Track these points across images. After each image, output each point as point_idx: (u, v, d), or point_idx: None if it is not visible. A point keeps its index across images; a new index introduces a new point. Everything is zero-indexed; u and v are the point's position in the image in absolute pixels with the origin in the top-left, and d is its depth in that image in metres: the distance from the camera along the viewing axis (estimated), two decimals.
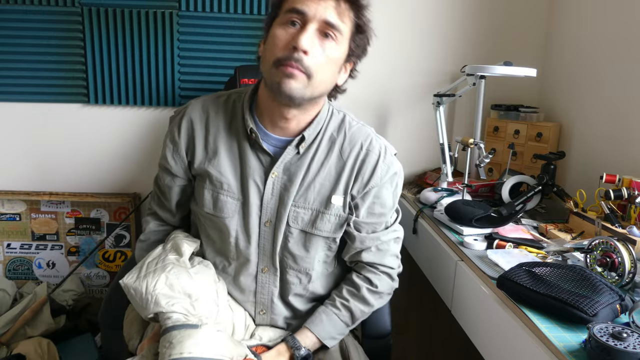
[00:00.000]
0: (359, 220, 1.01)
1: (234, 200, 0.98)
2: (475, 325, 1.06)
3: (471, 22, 1.78)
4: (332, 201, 0.98)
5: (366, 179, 0.99)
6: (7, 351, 1.54)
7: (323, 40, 0.88)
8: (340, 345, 1.06)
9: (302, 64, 0.86)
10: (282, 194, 0.97)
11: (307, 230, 0.99)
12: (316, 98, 0.94)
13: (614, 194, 1.16)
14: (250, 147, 0.98)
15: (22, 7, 1.64)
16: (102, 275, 1.86)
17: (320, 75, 0.89)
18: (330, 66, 0.91)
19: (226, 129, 0.99)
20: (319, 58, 0.88)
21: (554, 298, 0.84)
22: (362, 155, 0.99)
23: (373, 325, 1.13)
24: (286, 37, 0.87)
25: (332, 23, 0.87)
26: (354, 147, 1.00)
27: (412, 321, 1.94)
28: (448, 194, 1.50)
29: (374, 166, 0.99)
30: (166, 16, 1.67)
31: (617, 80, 1.43)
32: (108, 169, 1.81)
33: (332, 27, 0.88)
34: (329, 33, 0.88)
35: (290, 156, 0.97)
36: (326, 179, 0.98)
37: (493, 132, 1.77)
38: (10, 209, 1.80)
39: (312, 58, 0.86)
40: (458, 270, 1.15)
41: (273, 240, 0.99)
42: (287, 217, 0.98)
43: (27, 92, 1.71)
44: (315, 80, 0.88)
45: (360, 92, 1.80)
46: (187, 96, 1.75)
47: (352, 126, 1.02)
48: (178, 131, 1.00)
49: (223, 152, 0.98)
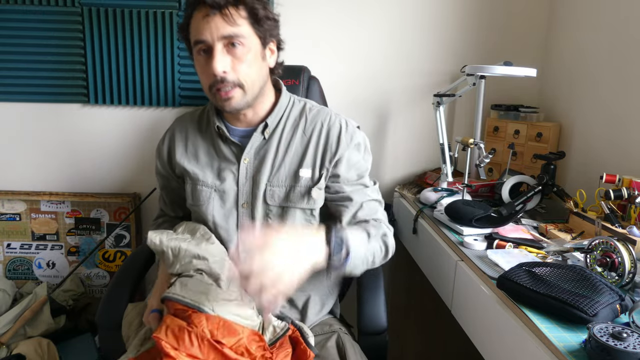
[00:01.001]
0: (341, 178, 1.09)
1: (208, 189, 1.10)
2: (475, 325, 1.06)
3: (471, 22, 1.78)
4: (300, 174, 1.08)
5: (334, 149, 1.09)
6: (7, 351, 1.54)
7: (233, 50, 0.98)
8: (337, 343, 1.07)
9: (228, 81, 0.98)
10: (255, 177, 1.08)
11: (283, 205, 1.08)
12: (259, 93, 1.06)
13: (614, 194, 1.16)
14: (222, 142, 1.12)
15: (22, 7, 1.64)
16: (102, 275, 1.86)
17: (249, 78, 1.00)
18: (252, 66, 1.01)
19: (201, 134, 1.15)
20: (239, 68, 0.99)
21: (554, 298, 0.84)
22: (325, 131, 1.10)
23: (369, 322, 1.13)
24: (204, 66, 1.00)
25: (229, 34, 0.96)
26: (315, 126, 1.11)
27: (412, 321, 1.94)
28: (448, 194, 1.50)
29: (338, 137, 1.09)
30: (166, 16, 1.67)
31: (617, 81, 1.43)
32: (108, 169, 1.81)
33: (232, 37, 0.97)
34: (233, 42, 0.97)
35: (257, 142, 1.09)
36: (294, 156, 1.09)
37: (493, 132, 1.77)
38: (10, 209, 1.80)
39: (232, 73, 0.98)
40: (458, 270, 1.15)
41: (251, 219, 1.09)
42: (264, 196, 1.08)
43: (27, 92, 1.71)
44: (247, 85, 1.01)
45: (360, 92, 1.81)
46: (187, 96, 1.75)
47: (312, 110, 1.14)
48: (162, 142, 1.19)
49: (201, 152, 1.13)
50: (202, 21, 0.96)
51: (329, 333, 1.12)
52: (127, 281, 1.17)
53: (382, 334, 1.13)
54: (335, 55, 1.77)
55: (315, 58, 1.72)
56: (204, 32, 0.96)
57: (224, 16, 0.95)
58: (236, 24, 0.96)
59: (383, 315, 1.14)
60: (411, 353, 1.95)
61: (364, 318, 1.12)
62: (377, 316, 1.13)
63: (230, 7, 0.96)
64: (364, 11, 1.75)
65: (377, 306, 1.13)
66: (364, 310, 1.14)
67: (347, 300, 1.47)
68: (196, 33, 0.98)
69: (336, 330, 1.12)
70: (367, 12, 1.75)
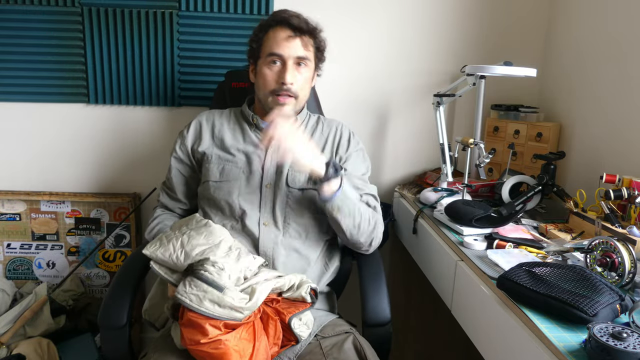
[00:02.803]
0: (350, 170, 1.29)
1: (237, 168, 1.24)
2: (475, 325, 1.06)
3: (471, 22, 1.78)
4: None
5: (345, 147, 1.33)
6: (7, 351, 1.54)
7: (299, 69, 1.23)
8: (354, 345, 1.07)
9: (290, 91, 1.21)
10: (279, 162, 1.24)
11: (304, 187, 1.23)
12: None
13: (614, 194, 1.16)
14: (252, 132, 1.30)
15: (22, 7, 1.64)
16: (102, 275, 1.86)
17: (302, 93, 1.25)
18: (307, 83, 1.27)
19: (228, 125, 1.32)
20: (300, 83, 1.23)
21: (554, 298, 0.84)
22: (338, 135, 1.34)
23: (373, 314, 1.13)
24: (273, 74, 1.22)
25: (302, 56, 1.22)
26: (331, 129, 1.35)
27: (412, 321, 1.94)
28: (448, 194, 1.50)
29: (348, 140, 1.34)
30: (166, 16, 1.67)
31: (617, 80, 1.43)
32: (108, 169, 1.81)
33: (303, 59, 1.22)
34: (301, 62, 1.23)
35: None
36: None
37: (493, 132, 1.77)
38: (10, 209, 1.80)
39: (295, 85, 1.22)
40: (458, 270, 1.15)
41: (273, 199, 1.22)
42: (287, 179, 1.22)
43: (27, 92, 1.71)
44: (300, 98, 1.25)
45: (360, 92, 1.81)
46: (187, 96, 1.75)
47: (325, 119, 1.39)
48: (187, 130, 1.33)
49: (228, 139, 1.29)
50: (284, 40, 1.20)
51: (342, 334, 1.11)
52: (128, 281, 1.17)
53: (386, 326, 1.14)
54: (335, 55, 1.76)
55: None
56: (284, 49, 1.20)
57: (302, 40, 1.22)
58: (308, 50, 1.23)
59: (386, 306, 1.15)
60: (411, 353, 1.95)
61: (368, 310, 1.13)
62: (381, 308, 1.14)
63: (307, 36, 1.23)
64: (365, 12, 1.75)
65: (380, 298, 1.14)
66: (368, 302, 1.15)
67: (346, 300, 1.47)
68: (276, 48, 1.20)
69: (349, 332, 1.12)
70: (368, 13, 1.75)
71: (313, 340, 1.11)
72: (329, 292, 1.29)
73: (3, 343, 1.56)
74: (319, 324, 1.14)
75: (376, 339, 1.12)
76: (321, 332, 1.13)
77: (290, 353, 1.09)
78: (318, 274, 1.24)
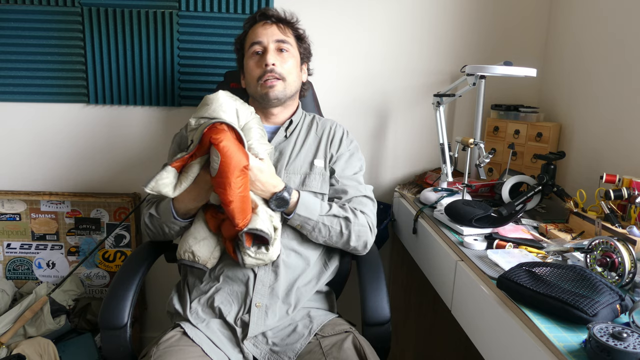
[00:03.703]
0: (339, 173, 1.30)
1: None
2: (475, 325, 1.06)
3: (471, 22, 1.78)
4: (315, 163, 1.29)
5: (337, 147, 1.34)
6: (7, 351, 1.54)
7: (281, 54, 1.27)
8: (354, 344, 1.07)
9: (275, 72, 1.25)
10: (275, 165, 1.26)
11: (299, 189, 1.23)
12: (293, 95, 1.32)
13: (614, 194, 1.16)
14: None
15: (22, 7, 1.64)
16: (102, 275, 1.86)
17: (290, 76, 1.28)
18: (293, 69, 1.30)
19: None
20: (284, 66, 1.27)
21: (554, 298, 0.84)
22: (332, 133, 1.36)
23: (372, 313, 1.13)
24: (257, 62, 1.27)
25: (281, 39, 1.27)
26: (325, 129, 1.37)
27: (412, 321, 1.94)
28: (448, 194, 1.50)
29: (340, 139, 1.35)
30: (166, 16, 1.67)
31: (617, 80, 1.43)
32: (108, 169, 1.81)
33: (282, 42, 1.27)
34: (282, 48, 1.27)
35: (280, 138, 1.31)
36: (308, 150, 1.32)
37: (493, 132, 1.77)
38: (10, 209, 1.80)
39: (279, 67, 1.25)
40: (458, 270, 1.15)
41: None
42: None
43: (27, 92, 1.71)
44: (288, 81, 1.27)
45: (361, 92, 1.81)
46: (187, 96, 1.75)
47: (320, 119, 1.41)
48: (186, 128, 1.29)
49: None
50: (260, 28, 1.27)
51: (342, 333, 1.11)
52: (129, 281, 1.17)
53: (385, 325, 1.14)
54: (335, 55, 1.77)
55: (316, 58, 1.70)
56: (262, 36, 1.26)
57: (278, 27, 1.28)
58: (287, 35, 1.29)
59: (386, 305, 1.15)
60: (411, 353, 1.95)
61: (367, 309, 1.13)
62: (381, 307, 1.14)
63: (283, 24, 1.29)
64: (365, 12, 1.75)
65: (379, 297, 1.14)
66: (367, 302, 1.14)
67: (346, 299, 1.47)
68: (255, 37, 1.27)
69: (349, 331, 1.12)
70: (368, 13, 1.75)
71: (313, 339, 1.11)
72: (328, 291, 1.29)
73: (3, 343, 1.56)
74: (318, 323, 1.14)
75: (376, 338, 1.12)
76: (321, 331, 1.13)
77: (290, 352, 1.09)
78: (317, 273, 1.24)
